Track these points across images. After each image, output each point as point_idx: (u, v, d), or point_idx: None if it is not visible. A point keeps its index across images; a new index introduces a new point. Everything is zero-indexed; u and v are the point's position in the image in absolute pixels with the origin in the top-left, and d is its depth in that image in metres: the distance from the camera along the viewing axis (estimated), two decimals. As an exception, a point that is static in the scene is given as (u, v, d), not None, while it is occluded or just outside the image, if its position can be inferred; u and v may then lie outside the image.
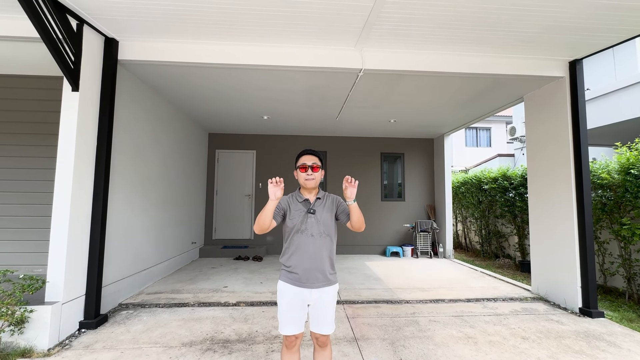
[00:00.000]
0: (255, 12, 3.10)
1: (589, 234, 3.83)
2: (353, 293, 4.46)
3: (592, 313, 3.68)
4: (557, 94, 4.25)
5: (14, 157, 3.77)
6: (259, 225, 1.85)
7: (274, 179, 1.82)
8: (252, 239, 7.64)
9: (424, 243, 7.44)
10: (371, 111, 5.87)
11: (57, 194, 3.08)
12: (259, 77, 4.34)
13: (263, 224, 1.84)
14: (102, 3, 2.99)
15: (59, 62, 2.98)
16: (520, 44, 3.71)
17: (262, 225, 1.84)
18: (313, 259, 1.93)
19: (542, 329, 3.35)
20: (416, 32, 3.48)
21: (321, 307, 1.96)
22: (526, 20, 3.19)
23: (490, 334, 3.21)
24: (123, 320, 3.47)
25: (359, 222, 1.92)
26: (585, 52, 3.89)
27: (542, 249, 4.47)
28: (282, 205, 1.98)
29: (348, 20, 3.22)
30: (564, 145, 4.10)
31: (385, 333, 3.21)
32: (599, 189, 4.66)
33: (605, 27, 3.30)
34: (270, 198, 1.81)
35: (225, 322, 3.44)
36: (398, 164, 8.16)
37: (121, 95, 3.87)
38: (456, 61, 3.98)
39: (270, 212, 1.83)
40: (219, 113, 6.08)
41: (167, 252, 5.49)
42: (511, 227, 6.72)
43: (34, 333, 2.80)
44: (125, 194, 4.07)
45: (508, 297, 4.35)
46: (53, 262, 3.02)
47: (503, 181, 6.74)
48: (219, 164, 7.75)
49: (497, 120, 17.51)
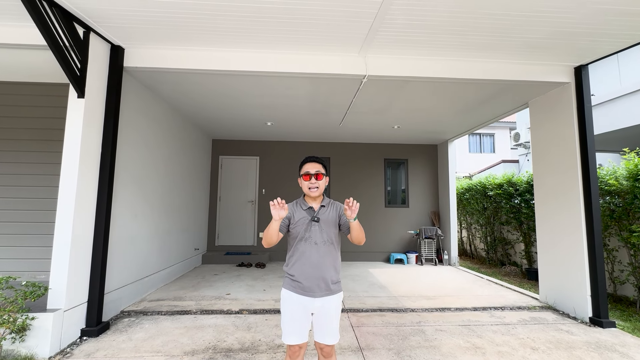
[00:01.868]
0: (260, 19, 3.12)
1: (598, 241, 3.76)
2: (357, 301, 4.40)
3: (603, 323, 3.59)
4: (562, 100, 4.22)
5: (19, 164, 3.79)
6: (267, 242, 1.85)
7: (275, 201, 1.77)
8: (254, 246, 7.60)
9: (429, 250, 7.35)
10: (375, 117, 5.86)
11: (61, 201, 3.08)
12: (263, 84, 4.36)
13: (270, 241, 1.83)
14: (109, 11, 3.02)
15: (66, 69, 3.01)
16: (525, 50, 3.70)
17: (269, 241, 1.84)
18: (317, 267, 1.90)
19: (552, 339, 3.26)
20: (420, 39, 3.48)
21: (325, 316, 1.91)
22: (531, 26, 3.18)
23: (498, 344, 3.14)
24: (125, 328, 3.43)
25: (358, 238, 1.91)
26: (591, 58, 3.87)
27: (549, 257, 4.39)
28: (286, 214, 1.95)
29: (352, 26, 3.23)
30: (571, 151, 4.05)
31: (390, 342, 3.15)
32: (607, 196, 4.59)
33: (610, 33, 3.28)
34: (274, 218, 1.77)
35: (227, 330, 3.39)
36: (402, 170, 8.12)
37: (126, 101, 3.89)
38: (460, 67, 3.97)
39: (275, 230, 1.81)
40: (222, 119, 6.10)
41: (170, 259, 5.46)
42: (517, 234, 6.63)
43: (35, 341, 2.77)
44: (128, 201, 4.06)
45: (516, 306, 4.26)
46: (56, 268, 3.00)
47: (508, 187, 6.67)
48: (222, 170, 7.75)
49: (500, 126, 17.47)
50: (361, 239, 1.91)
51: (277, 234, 1.83)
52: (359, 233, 1.89)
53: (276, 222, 1.79)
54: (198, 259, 6.91)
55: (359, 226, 1.88)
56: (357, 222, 1.86)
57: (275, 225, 1.80)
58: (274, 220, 1.78)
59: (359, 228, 1.87)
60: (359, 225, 1.88)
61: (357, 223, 1.86)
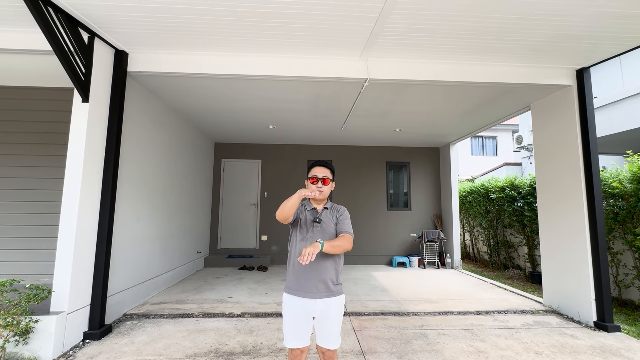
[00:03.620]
0: (264, 24, 3.15)
1: (602, 244, 3.73)
2: (359, 304, 4.38)
3: (608, 327, 3.55)
4: (564, 102, 4.21)
5: (23, 167, 3.83)
6: (282, 213, 1.82)
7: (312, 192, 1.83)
8: (257, 249, 7.60)
9: (431, 253, 7.32)
10: (376, 120, 5.87)
11: (65, 204, 3.10)
12: (265, 88, 4.38)
13: (287, 212, 1.80)
14: (113, 17, 3.06)
15: (70, 74, 3.05)
16: (526, 53, 3.70)
17: (284, 213, 1.81)
18: (318, 269, 1.90)
19: (556, 344, 3.23)
20: (422, 42, 3.50)
21: (327, 320, 1.91)
22: (532, 29, 3.19)
23: (501, 349, 3.11)
24: (127, 331, 3.44)
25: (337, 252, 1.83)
26: (592, 61, 3.86)
27: (553, 260, 4.36)
28: (299, 208, 1.99)
29: (353, 30, 3.25)
30: (573, 154, 4.04)
31: (393, 346, 3.13)
32: (611, 198, 4.56)
33: (611, 36, 3.28)
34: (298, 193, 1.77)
35: (229, 333, 3.39)
36: (404, 173, 8.11)
37: (130, 106, 3.92)
38: (462, 70, 3.98)
39: (294, 204, 1.79)
40: (225, 123, 6.13)
41: (173, 262, 5.47)
42: (520, 237, 6.59)
43: (39, 343, 2.79)
44: (132, 204, 4.09)
45: (519, 310, 4.22)
46: (59, 271, 3.02)
47: (511, 190, 6.64)
48: (224, 173, 7.78)
49: (503, 129, 17.42)
50: (341, 250, 1.83)
51: (293, 210, 1.81)
52: (335, 250, 1.79)
53: (297, 199, 1.78)
54: (200, 262, 6.91)
55: (331, 247, 1.77)
56: (326, 245, 1.74)
57: (296, 200, 1.78)
58: (298, 194, 1.76)
59: (331, 249, 1.77)
60: (331, 246, 1.77)
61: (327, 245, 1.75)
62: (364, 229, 7.66)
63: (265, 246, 7.59)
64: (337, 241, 1.82)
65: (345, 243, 1.84)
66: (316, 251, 1.66)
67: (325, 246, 1.73)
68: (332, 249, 1.78)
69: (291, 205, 1.79)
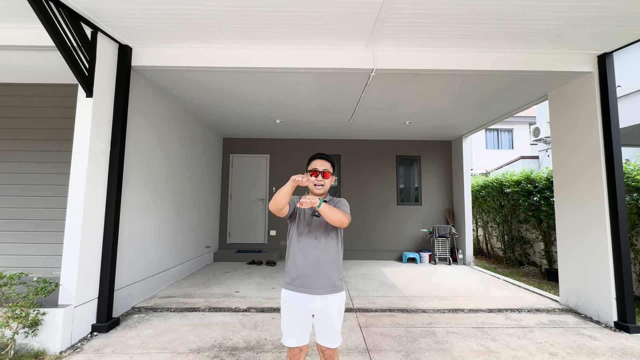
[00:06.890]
0: (266, 14, 3.07)
1: (624, 240, 3.52)
2: (367, 301, 4.31)
3: (630, 328, 3.36)
4: (585, 91, 3.97)
5: (31, 163, 3.91)
6: (274, 202, 1.75)
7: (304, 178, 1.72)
8: (265, 244, 7.61)
9: (442, 249, 7.16)
10: (385, 113, 5.72)
11: (71, 198, 3.13)
12: (270, 80, 4.31)
13: (276, 202, 1.74)
14: (116, 11, 3.04)
15: (74, 69, 3.05)
16: (543, 38, 3.49)
17: (276, 203, 1.74)
18: (317, 263, 1.84)
19: (573, 344, 3.08)
20: (430, 29, 3.34)
21: (327, 317, 1.85)
22: (550, 12, 2.99)
23: (513, 349, 2.98)
24: (134, 324, 3.48)
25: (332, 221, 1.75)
26: (616, 45, 3.61)
27: (571, 257, 4.16)
28: (294, 201, 1.90)
29: (357, 18, 3.13)
30: (594, 146, 3.81)
31: (399, 344, 3.05)
32: (634, 192, 4.30)
33: (637, 16, 3.04)
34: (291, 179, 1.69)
35: (234, 328, 3.38)
36: (414, 167, 7.93)
37: (134, 100, 3.93)
38: (474, 58, 3.79)
39: (287, 193, 1.72)
40: (232, 117, 6.11)
41: (181, 256, 5.52)
42: (536, 233, 6.35)
43: (47, 335, 2.84)
44: (139, 199, 4.11)
45: (534, 308, 4.06)
46: (66, 265, 3.06)
47: (527, 184, 6.39)
48: (233, 168, 7.80)
49: (519, 121, 16.85)
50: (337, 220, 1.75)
51: (286, 199, 1.74)
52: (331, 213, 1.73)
53: (290, 187, 1.71)
54: (210, 257, 6.97)
55: (328, 208, 1.72)
56: (323, 206, 1.70)
57: (289, 188, 1.71)
58: (291, 182, 1.69)
59: (328, 210, 1.72)
60: (328, 208, 1.72)
61: (325, 206, 1.71)
62: (373, 225, 7.55)
63: (273, 241, 7.59)
64: (334, 209, 1.76)
65: (341, 215, 1.76)
66: (314, 203, 1.64)
67: (323, 206, 1.70)
68: (329, 211, 1.72)
69: (284, 194, 1.72)
